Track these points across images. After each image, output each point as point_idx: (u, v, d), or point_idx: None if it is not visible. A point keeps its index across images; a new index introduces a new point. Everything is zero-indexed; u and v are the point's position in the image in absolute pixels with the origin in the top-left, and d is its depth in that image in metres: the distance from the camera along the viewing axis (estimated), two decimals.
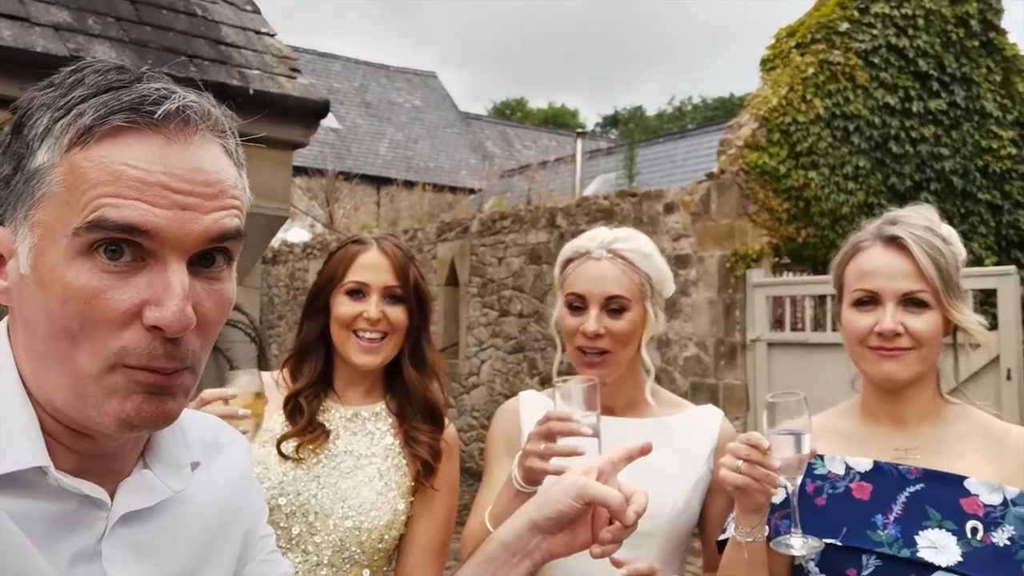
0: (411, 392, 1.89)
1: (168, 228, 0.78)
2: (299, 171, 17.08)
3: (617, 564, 1.47)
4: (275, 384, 1.92)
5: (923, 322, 1.54)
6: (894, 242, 1.58)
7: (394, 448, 1.87)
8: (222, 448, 1.05)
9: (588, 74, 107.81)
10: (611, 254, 1.78)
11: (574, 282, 1.80)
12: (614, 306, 1.76)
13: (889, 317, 1.54)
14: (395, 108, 26.52)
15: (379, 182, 22.48)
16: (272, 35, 5.76)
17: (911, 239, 1.56)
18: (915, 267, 1.55)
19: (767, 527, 1.55)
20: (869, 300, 1.58)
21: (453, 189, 22.26)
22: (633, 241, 1.81)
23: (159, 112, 0.78)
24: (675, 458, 1.79)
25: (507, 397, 1.94)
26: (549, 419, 1.57)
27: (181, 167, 0.79)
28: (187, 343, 0.80)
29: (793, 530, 1.52)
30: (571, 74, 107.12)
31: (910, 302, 1.55)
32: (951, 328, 1.60)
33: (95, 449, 0.85)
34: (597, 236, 1.82)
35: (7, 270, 0.82)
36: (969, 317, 1.57)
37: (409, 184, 20.71)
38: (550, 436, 1.55)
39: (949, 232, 1.64)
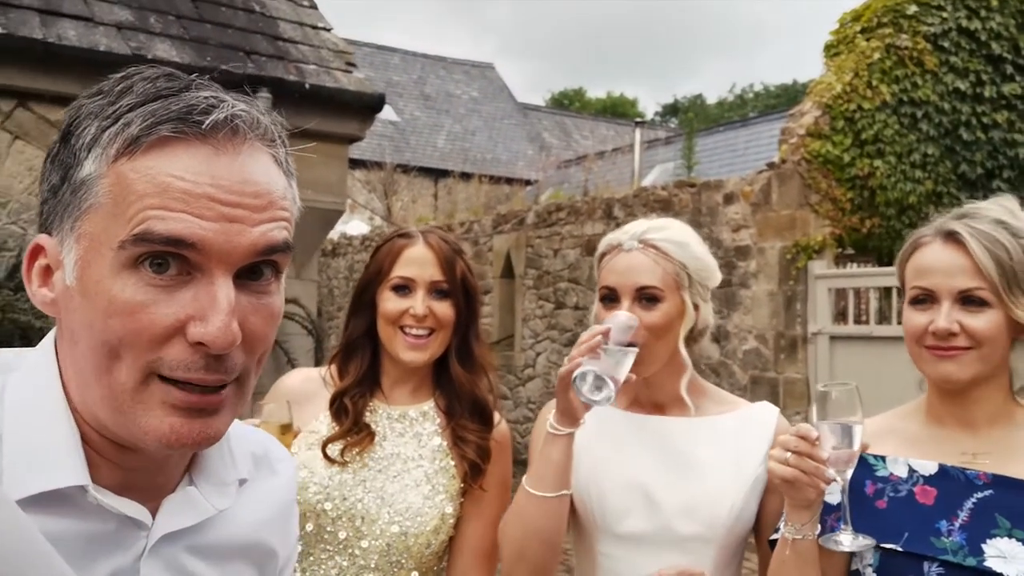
0: (459, 389, 1.86)
1: (215, 241, 0.76)
2: (358, 164, 17.26)
3: None
4: (323, 382, 1.91)
5: (982, 321, 1.48)
6: (952, 238, 1.52)
7: (442, 449, 1.84)
8: (273, 465, 1.02)
9: (647, 63, 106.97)
10: (642, 244, 1.73)
11: (606, 276, 1.77)
12: (646, 296, 1.70)
13: (943, 316, 1.48)
14: (453, 100, 26.64)
15: (437, 174, 22.61)
16: (329, 30, 5.82)
17: (969, 234, 1.49)
18: (972, 263, 1.48)
19: (819, 526, 1.51)
20: (926, 298, 1.53)
21: (510, 181, 22.27)
22: (666, 230, 1.75)
23: (207, 122, 0.76)
24: (730, 458, 1.74)
25: None
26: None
27: (229, 178, 0.77)
28: (232, 357, 0.78)
29: (843, 526, 1.48)
30: (630, 63, 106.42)
31: (967, 300, 1.49)
32: (1021, 327, 1.52)
33: (140, 463, 0.83)
34: (630, 228, 1.78)
35: (54, 281, 0.81)
36: None
37: (466, 176, 20.78)
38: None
39: None
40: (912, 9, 8.33)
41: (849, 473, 1.47)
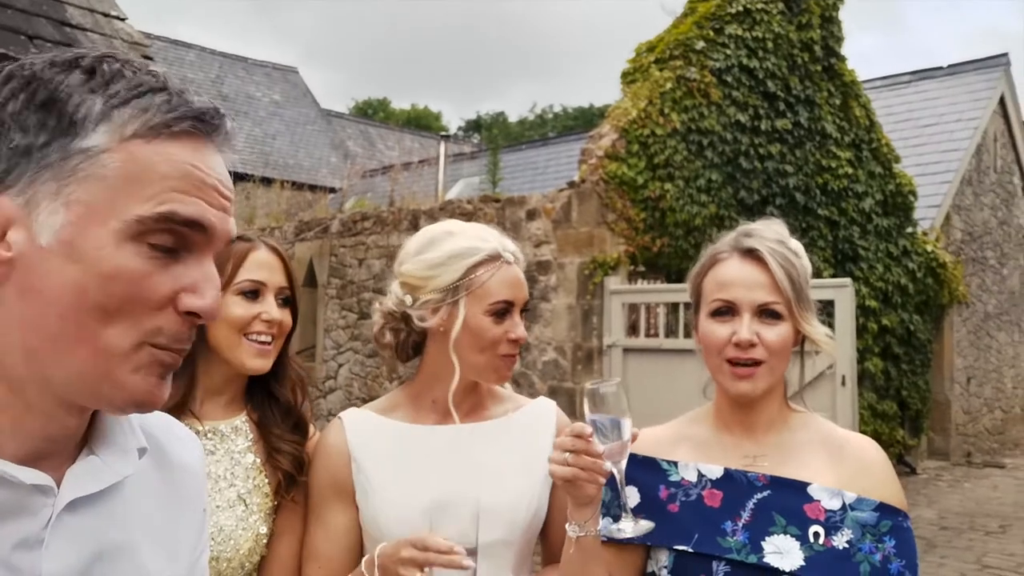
0: (274, 400, 1.80)
1: (217, 226, 0.86)
2: None
3: None
4: None
5: (776, 333, 1.59)
6: (751, 254, 1.63)
7: (256, 466, 1.76)
8: (183, 440, 1.07)
9: (452, 78, 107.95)
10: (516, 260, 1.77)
11: (499, 290, 1.71)
12: (526, 308, 1.78)
13: (745, 327, 1.58)
14: (253, 102, 25.63)
15: (235, 177, 21.46)
16: (123, 19, 5.46)
17: (767, 252, 1.61)
18: (770, 279, 1.60)
19: (601, 521, 1.56)
20: (727, 310, 1.62)
21: (313, 187, 21.74)
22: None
23: (222, 127, 0.88)
24: (522, 458, 1.75)
25: (365, 401, 1.85)
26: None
27: (223, 175, 0.88)
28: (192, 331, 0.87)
29: (623, 515, 1.54)
30: (435, 77, 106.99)
31: (765, 313, 1.60)
32: (799, 338, 1.66)
33: (58, 431, 0.85)
34: (502, 242, 1.76)
35: (10, 240, 0.80)
36: (817, 328, 1.64)
37: (267, 181, 20.08)
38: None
39: (797, 246, 1.70)
40: (700, 44, 8.91)
41: (623, 464, 1.52)
